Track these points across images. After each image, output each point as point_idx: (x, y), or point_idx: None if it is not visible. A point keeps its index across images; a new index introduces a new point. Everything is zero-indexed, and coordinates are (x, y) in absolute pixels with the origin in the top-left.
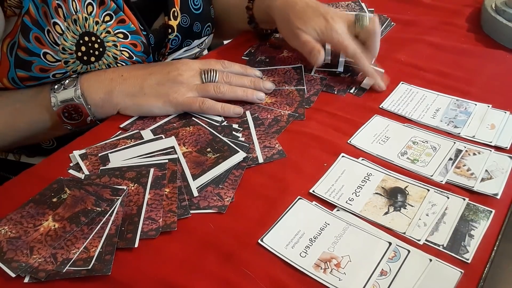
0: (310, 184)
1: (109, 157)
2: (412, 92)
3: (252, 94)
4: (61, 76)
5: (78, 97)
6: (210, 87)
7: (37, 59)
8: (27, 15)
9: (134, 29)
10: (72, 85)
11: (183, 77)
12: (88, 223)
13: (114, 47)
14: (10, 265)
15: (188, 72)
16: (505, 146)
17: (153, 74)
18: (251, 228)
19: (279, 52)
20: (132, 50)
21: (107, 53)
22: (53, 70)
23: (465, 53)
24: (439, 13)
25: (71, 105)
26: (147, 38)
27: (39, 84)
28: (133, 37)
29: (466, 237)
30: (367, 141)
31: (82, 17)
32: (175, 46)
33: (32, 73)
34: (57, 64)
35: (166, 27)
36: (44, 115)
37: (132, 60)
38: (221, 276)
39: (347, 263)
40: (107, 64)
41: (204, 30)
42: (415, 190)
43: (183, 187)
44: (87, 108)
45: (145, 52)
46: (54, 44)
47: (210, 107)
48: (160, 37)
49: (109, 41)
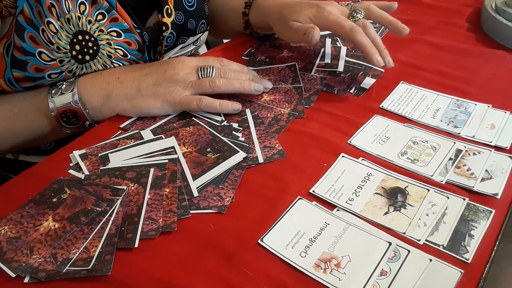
0: (310, 184)
1: (109, 157)
2: (412, 92)
3: (250, 85)
4: (57, 77)
5: (76, 102)
6: (205, 82)
7: (33, 59)
8: (22, 14)
9: (128, 27)
10: (70, 90)
11: (179, 75)
12: (88, 223)
13: (108, 46)
14: (10, 265)
15: (184, 70)
16: (505, 146)
17: (149, 74)
18: (251, 228)
19: (279, 52)
20: (127, 48)
21: (101, 51)
22: (48, 69)
23: (465, 53)
24: (439, 13)
25: (69, 110)
26: (141, 36)
27: (35, 86)
28: (126, 35)
29: (466, 237)
30: (367, 141)
31: (75, 16)
32: (171, 44)
33: (27, 73)
34: (52, 63)
35: (160, 24)
36: (42, 120)
37: (127, 59)
38: (221, 276)
39: (347, 263)
40: (102, 63)
41: (198, 27)
42: (415, 190)
43: (183, 187)
44: (85, 112)
45: (139, 51)
46: (48, 43)
47: (207, 105)
48: (155, 35)
49: (102, 40)
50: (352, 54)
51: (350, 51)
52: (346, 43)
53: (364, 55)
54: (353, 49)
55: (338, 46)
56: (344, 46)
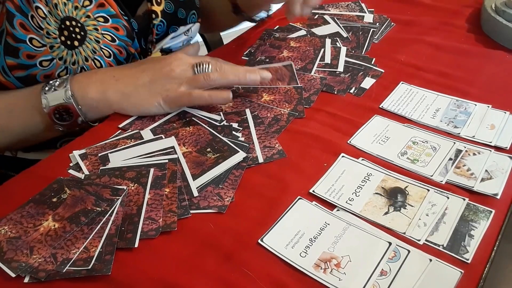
0: (310, 184)
1: (109, 157)
2: (412, 92)
3: (245, 76)
4: (48, 64)
5: (68, 98)
6: (200, 77)
7: (24, 45)
8: (10, 1)
9: (114, 12)
10: (63, 86)
11: (175, 72)
12: (88, 223)
13: (95, 31)
14: (10, 265)
15: (180, 66)
16: (505, 146)
17: (145, 71)
18: (251, 228)
19: (279, 52)
20: (114, 33)
21: (88, 36)
22: (40, 56)
23: (465, 53)
24: (439, 13)
25: (62, 106)
26: (128, 22)
27: (27, 76)
28: (114, 21)
29: (466, 237)
30: (367, 141)
31: (62, 2)
32: (162, 32)
33: (20, 60)
34: (43, 49)
35: (150, 12)
36: (36, 117)
37: (115, 44)
38: (221, 276)
39: (347, 263)
40: (92, 49)
41: (189, 17)
42: (415, 190)
43: (183, 187)
44: (77, 108)
45: (128, 37)
46: (38, 28)
47: (197, 97)
48: (145, 23)
49: (89, 25)
50: (352, 54)
51: (350, 51)
52: (346, 43)
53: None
54: (353, 49)
55: (338, 46)
56: (344, 46)
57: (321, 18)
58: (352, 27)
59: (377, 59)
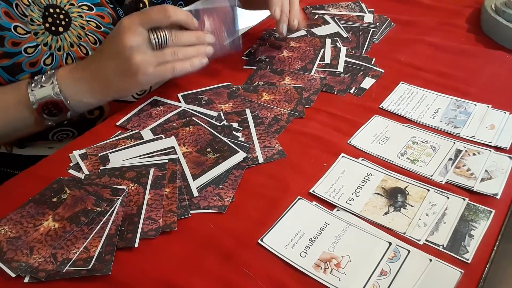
0: (310, 184)
1: (109, 157)
2: (412, 92)
3: (199, 62)
4: (33, 51)
5: (57, 94)
6: (168, 71)
7: (9, 33)
8: None
9: (98, 1)
10: (49, 82)
11: (135, 51)
12: (88, 223)
13: (80, 18)
14: (10, 265)
15: (135, 39)
16: (505, 146)
17: (109, 59)
18: (251, 228)
19: (279, 52)
20: (100, 21)
21: (73, 23)
22: (24, 43)
23: (465, 53)
24: (439, 14)
25: (50, 102)
26: (114, 10)
27: (12, 65)
28: (98, 9)
29: (466, 237)
30: (367, 141)
31: None
32: None
33: (5, 49)
34: (27, 36)
35: (137, 1)
36: (24, 112)
37: (100, 31)
38: (221, 276)
39: (347, 263)
40: (77, 35)
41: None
42: (415, 190)
43: (183, 187)
44: (66, 103)
45: (114, 25)
46: (22, 15)
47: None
48: (132, 12)
49: (73, 12)
50: (352, 54)
51: (350, 51)
52: (346, 43)
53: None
54: (353, 49)
55: (338, 46)
56: (344, 46)
57: (321, 18)
58: (352, 27)
59: (377, 59)
